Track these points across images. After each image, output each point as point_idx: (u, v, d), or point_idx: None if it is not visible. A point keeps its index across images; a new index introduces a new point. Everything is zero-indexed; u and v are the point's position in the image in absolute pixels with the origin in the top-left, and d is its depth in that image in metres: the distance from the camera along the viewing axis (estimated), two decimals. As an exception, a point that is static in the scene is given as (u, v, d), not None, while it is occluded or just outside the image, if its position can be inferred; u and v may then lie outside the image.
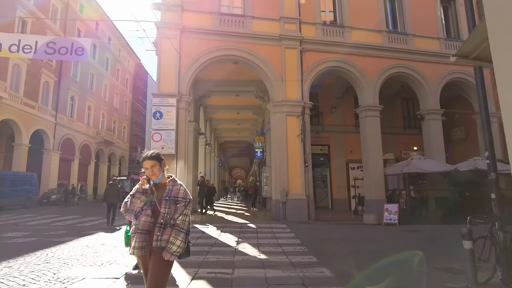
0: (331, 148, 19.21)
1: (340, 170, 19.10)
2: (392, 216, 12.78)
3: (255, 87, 18.38)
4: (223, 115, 25.52)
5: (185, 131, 13.27)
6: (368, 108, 15.14)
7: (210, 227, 11.55)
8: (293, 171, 13.72)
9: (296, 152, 13.88)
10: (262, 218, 14.56)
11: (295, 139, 13.95)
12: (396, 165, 15.16)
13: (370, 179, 14.83)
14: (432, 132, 15.99)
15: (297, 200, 13.47)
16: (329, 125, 19.31)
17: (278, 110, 14.08)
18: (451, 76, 16.78)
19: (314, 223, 12.68)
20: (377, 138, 15.16)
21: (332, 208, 18.73)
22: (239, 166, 67.00)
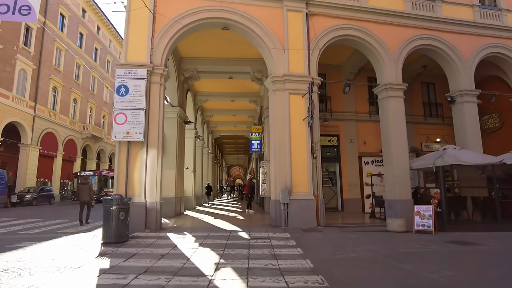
0: (341, 139, 16.30)
1: (352, 165, 16.20)
2: (426, 221, 9.87)
3: (252, 66, 15.48)
4: (216, 105, 22.59)
5: (159, 112, 10.36)
6: (390, 87, 12.23)
7: (188, 236, 8.64)
8: (298, 164, 10.82)
9: (301, 140, 10.97)
10: (259, 224, 11.66)
11: (301, 124, 11.04)
12: (425, 157, 12.24)
13: (392, 175, 11.92)
14: (466, 118, 13.08)
15: (302, 201, 10.56)
16: (339, 112, 16.42)
17: (278, 88, 11.16)
18: (488, 51, 13.86)
19: (325, 231, 9.79)
20: (401, 123, 12.25)
21: (343, 210, 15.84)
22: (237, 165, 64.15)
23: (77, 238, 8.48)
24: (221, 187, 47.41)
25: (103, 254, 6.50)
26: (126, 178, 9.70)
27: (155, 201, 9.90)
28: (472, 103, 13.19)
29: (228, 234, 9.00)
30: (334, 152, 16.33)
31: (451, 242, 8.04)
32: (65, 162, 31.03)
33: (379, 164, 16.64)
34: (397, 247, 7.30)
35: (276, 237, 8.48)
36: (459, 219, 11.18)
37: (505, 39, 14.24)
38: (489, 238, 8.81)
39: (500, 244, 7.91)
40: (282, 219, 10.41)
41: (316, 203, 10.72)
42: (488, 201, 11.85)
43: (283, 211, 10.41)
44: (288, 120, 10.96)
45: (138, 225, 9.47)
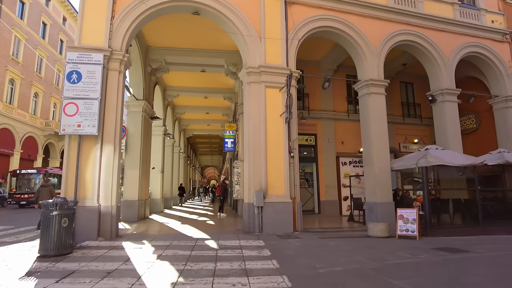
0: (319, 138, 15.56)
1: (329, 166, 15.49)
2: (410, 226, 9.20)
3: (226, 59, 14.42)
4: (188, 101, 21.30)
5: (117, 104, 9.07)
6: (372, 83, 11.56)
7: (146, 246, 7.45)
8: (274, 164, 9.87)
9: (278, 138, 10.04)
10: (230, 229, 10.60)
11: (277, 120, 10.11)
12: (406, 158, 11.67)
13: (372, 176, 11.24)
14: (447, 117, 12.67)
15: (278, 204, 9.62)
16: (317, 110, 15.67)
17: (254, 80, 10.17)
18: (467, 50, 13.58)
19: (303, 237, 8.88)
20: (382, 121, 11.62)
21: (320, 213, 15.07)
22: (212, 165, 62.65)
23: (10, 249, 7.07)
24: (193, 189, 45.88)
25: (32, 272, 5.21)
26: (76, 178, 8.35)
27: (110, 204, 8.61)
28: (453, 103, 12.80)
29: (194, 243, 7.88)
30: (311, 152, 15.56)
31: (438, 249, 7.35)
32: (24, 161, 28.56)
33: (357, 165, 16.07)
34: (384, 256, 6.48)
35: (248, 246, 7.47)
36: (441, 223, 10.64)
37: (484, 39, 14.04)
38: (475, 244, 8.23)
39: (490, 250, 7.30)
40: (256, 224, 9.41)
41: (293, 207, 9.80)
42: (469, 204, 11.43)
43: (257, 215, 9.41)
44: (264, 115, 9.99)
45: (89, 233, 8.17)
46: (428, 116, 18.05)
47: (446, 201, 11.18)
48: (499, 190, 12.28)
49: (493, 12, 14.67)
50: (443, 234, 9.87)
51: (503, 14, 14.94)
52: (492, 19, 14.56)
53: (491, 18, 14.54)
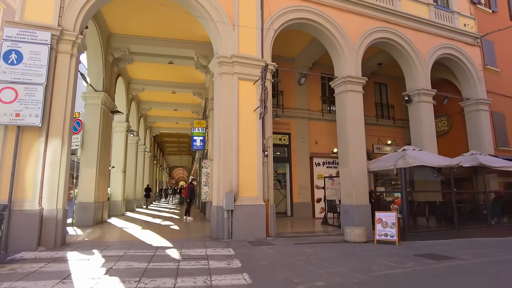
0: (292, 138, 14.93)
1: (303, 167, 14.90)
2: (389, 230, 8.70)
3: (196, 51, 13.39)
4: (155, 96, 19.96)
5: (67, 92, 7.83)
6: (349, 80, 11.06)
7: (95, 257, 6.33)
8: (246, 163, 9.03)
9: (251, 135, 9.21)
10: (196, 235, 9.61)
11: (251, 116, 9.28)
12: (383, 159, 11.27)
13: (349, 178, 10.72)
14: (423, 118, 12.46)
15: (250, 207, 8.78)
16: (291, 109, 15.03)
17: (226, 71, 9.28)
18: (442, 52, 13.51)
19: (277, 243, 8.11)
20: (359, 120, 11.15)
21: (292, 215, 14.42)
22: (180, 166, 60.72)
23: None
24: (160, 190, 44.01)
25: None
26: (12, 177, 7.05)
27: (56, 207, 7.37)
28: (428, 103, 12.63)
29: (153, 252, 6.85)
30: (285, 151, 14.89)
31: (422, 256, 6.84)
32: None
33: (330, 166, 15.62)
34: (368, 266, 5.83)
35: (216, 256, 6.56)
36: (417, 226, 10.29)
37: (457, 42, 14.07)
38: (456, 249, 7.86)
39: (474, 256, 6.89)
40: (225, 230, 8.51)
41: (266, 210, 9.01)
42: (444, 207, 11.22)
43: (227, 219, 8.52)
44: (237, 110, 9.13)
45: (27, 241, 6.91)
46: (401, 118, 18.05)
47: (422, 204, 10.87)
48: (474, 192, 12.19)
49: (465, 16, 14.78)
50: (421, 238, 9.51)
51: (474, 18, 15.10)
52: (464, 23, 14.65)
53: (463, 22, 14.63)
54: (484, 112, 14.09)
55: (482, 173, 11.49)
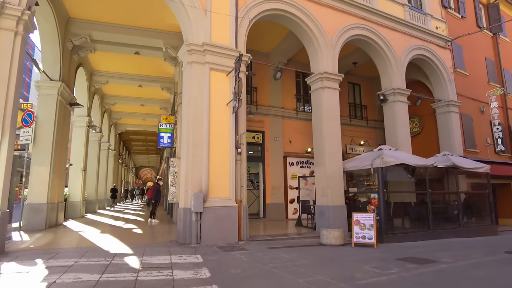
0: (266, 136, 14.36)
1: (277, 166, 14.38)
2: (367, 232, 8.32)
3: (165, 41, 12.47)
4: (120, 89, 18.65)
5: (10, 75, 6.74)
6: (326, 76, 10.66)
7: (37, 268, 5.36)
8: (218, 161, 8.32)
9: (223, 131, 8.51)
10: (161, 240, 8.74)
11: (223, 110, 8.58)
12: (359, 158, 10.98)
13: (324, 177, 10.30)
14: (398, 118, 12.34)
15: (221, 208, 8.07)
16: (265, 106, 14.47)
17: (197, 60, 8.52)
18: (416, 52, 13.54)
19: (250, 248, 7.46)
20: (335, 118, 10.80)
21: (265, 217, 13.84)
22: (148, 166, 58.53)
23: None
24: (126, 191, 42.03)
25: None
26: None
27: (-8, 210, 6.30)
28: (403, 103, 12.54)
29: (109, 260, 5.97)
30: (258, 150, 14.30)
31: (403, 260, 6.47)
32: None
33: (304, 165, 15.23)
34: (350, 273, 5.32)
35: (182, 264, 5.80)
36: (393, 228, 10.04)
37: (430, 43, 14.16)
38: (435, 251, 7.62)
39: (455, 259, 6.63)
40: (193, 234, 7.74)
41: (238, 211, 8.34)
42: (419, 207, 11.11)
43: (195, 223, 7.75)
44: (208, 103, 8.39)
45: (-47, 251, 5.80)
46: (374, 118, 18.06)
47: (398, 205, 10.66)
48: (446, 193, 12.22)
49: (437, 19, 14.95)
50: (397, 240, 9.26)
51: (445, 21, 15.32)
52: (436, 25, 14.81)
53: (435, 24, 14.78)
54: (454, 114, 14.28)
55: (454, 173, 11.52)
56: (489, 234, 11.75)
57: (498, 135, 15.62)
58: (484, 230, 11.70)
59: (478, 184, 13.88)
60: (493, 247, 8.62)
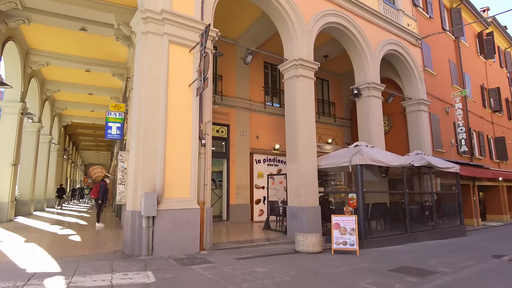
0: (232, 130, 13.05)
1: (242, 164, 13.11)
2: (348, 237, 7.35)
3: (117, 16, 10.59)
4: (63, 74, 16.21)
5: None
6: (301, 63, 9.61)
7: None
8: (176, 153, 6.87)
9: (184, 117, 7.07)
10: (103, 250, 7.04)
11: (185, 92, 7.15)
12: (335, 155, 10.05)
13: (298, 175, 9.21)
14: (372, 114, 11.67)
15: (180, 212, 6.63)
16: (231, 97, 13.15)
17: (153, 30, 6.99)
18: (389, 47, 13.02)
19: (214, 259, 6.12)
20: (310, 110, 9.80)
21: (228, 219, 12.51)
22: (98, 164, 54.32)
23: None
24: (73, 190, 38.33)
25: None
26: None
27: None
28: (378, 98, 11.91)
29: (22, 283, 4.32)
30: (222, 146, 12.95)
31: (398, 271, 5.52)
32: None
33: (271, 163, 14.16)
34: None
35: (126, 286, 4.33)
36: (370, 232, 9.23)
37: (402, 40, 13.77)
38: (423, 258, 6.82)
39: (452, 268, 5.82)
40: (143, 244, 6.22)
41: (201, 215, 6.95)
42: (396, 209, 10.46)
43: (146, 229, 6.24)
44: (165, 83, 6.90)
45: None
46: (342, 116, 17.49)
47: (375, 206, 9.88)
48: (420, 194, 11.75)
49: (408, 16, 14.63)
50: (376, 244, 8.43)
51: (415, 19, 15.07)
52: (407, 22, 14.47)
53: (407, 21, 14.44)
54: (424, 113, 14.01)
55: (429, 173, 11.06)
56: (459, 235, 11.49)
57: (462, 136, 15.70)
58: (454, 231, 11.39)
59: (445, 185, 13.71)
60: (478, 251, 8.08)
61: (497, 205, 19.85)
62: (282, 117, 14.59)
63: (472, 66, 19.84)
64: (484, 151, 18.66)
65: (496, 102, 20.97)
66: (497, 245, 9.24)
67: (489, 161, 19.10)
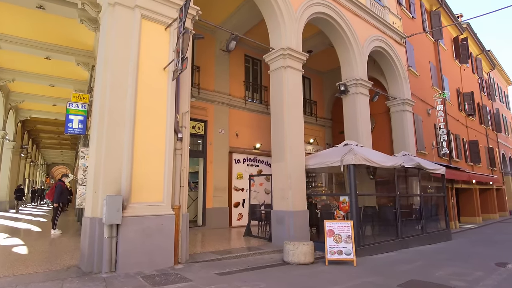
0: (209, 127, 11.98)
1: (221, 164, 12.07)
2: (343, 245, 6.55)
3: (80, -7, 9.32)
4: (19, 61, 14.38)
5: None
6: (289, 53, 8.76)
7: None
8: (147, 147, 5.76)
9: (157, 105, 5.98)
10: (54, 266, 5.77)
11: (159, 76, 6.06)
12: (323, 154, 9.27)
13: (285, 176, 8.33)
14: (360, 112, 11.07)
15: (151, 219, 5.52)
16: (209, 91, 12.09)
17: (122, 2, 5.85)
18: (376, 44, 12.51)
19: (193, 276, 5.09)
20: (298, 105, 8.99)
21: (204, 225, 11.41)
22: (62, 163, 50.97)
23: None
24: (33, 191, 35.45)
25: None
26: None
27: None
28: (365, 96, 11.32)
29: None
30: (199, 144, 11.85)
31: (406, 286, 4.75)
32: None
33: (251, 163, 13.23)
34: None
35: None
36: (363, 238, 8.50)
37: (388, 37, 13.34)
38: (427, 267, 6.14)
39: (466, 281, 5.14)
40: (104, 258, 5.06)
41: (176, 222, 5.88)
42: (386, 212, 9.84)
43: (108, 240, 5.09)
44: (136, 63, 5.78)
45: None
46: (323, 116, 16.90)
47: (366, 210, 9.20)
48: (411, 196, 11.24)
49: (394, 14, 14.27)
50: (369, 252, 7.72)
51: (400, 18, 14.75)
52: (393, 20, 14.09)
53: (392, 19, 14.06)
54: (409, 113, 13.65)
55: (418, 175, 10.57)
56: (446, 239, 11.09)
57: (443, 138, 15.54)
58: (441, 235, 10.98)
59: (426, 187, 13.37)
60: (477, 258, 7.54)
61: (470, 208, 20.02)
62: (263, 114, 13.81)
63: (450, 70, 19.98)
64: (460, 154, 18.76)
65: (470, 106, 21.27)
66: (489, 250, 8.83)
67: (464, 164, 19.24)
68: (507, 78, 33.94)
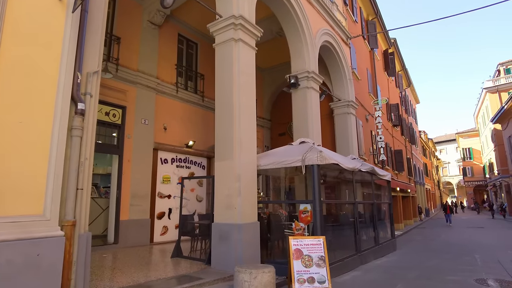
0: (129, 115, 9.37)
1: (142, 163, 9.54)
2: (315, 270, 4.88)
3: None
4: None
5: None
6: (242, 23, 6.93)
7: None
8: (16, 126, 3.31)
9: (42, 55, 3.55)
10: None
11: (49, 7, 3.65)
12: (277, 152, 7.56)
13: (232, 179, 6.38)
14: (311, 108, 9.75)
15: (15, 246, 3.07)
16: (132, 70, 9.55)
17: None
18: (327, 38, 11.52)
19: None
20: (251, 90, 7.14)
21: (117, 242, 8.71)
22: None
23: None
24: None
25: None
26: None
27: None
28: (316, 92, 10.11)
29: None
30: (113, 137, 9.18)
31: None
32: None
33: (182, 164, 11.01)
34: None
35: None
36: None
37: (337, 34, 12.51)
38: None
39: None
40: None
41: (66, 249, 3.49)
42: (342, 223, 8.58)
43: None
44: (2, -25, 3.33)
45: None
46: (262, 116, 15.46)
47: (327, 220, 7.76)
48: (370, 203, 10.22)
49: (341, 13, 13.62)
50: (334, 273, 6.23)
51: (345, 18, 14.20)
52: (339, 18, 13.40)
53: (339, 17, 13.36)
54: (353, 116, 12.96)
55: (371, 180, 9.64)
56: (393, 250, 10.39)
57: (381, 144, 15.40)
58: (390, 246, 10.23)
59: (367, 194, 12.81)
60: (451, 274, 6.60)
61: (395, 215, 20.64)
62: (198, 106, 11.70)
63: (381, 80, 20.52)
64: (390, 162, 19.16)
65: (396, 117, 22.20)
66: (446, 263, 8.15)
67: (392, 171, 19.73)
68: (417, 97, 37.56)
